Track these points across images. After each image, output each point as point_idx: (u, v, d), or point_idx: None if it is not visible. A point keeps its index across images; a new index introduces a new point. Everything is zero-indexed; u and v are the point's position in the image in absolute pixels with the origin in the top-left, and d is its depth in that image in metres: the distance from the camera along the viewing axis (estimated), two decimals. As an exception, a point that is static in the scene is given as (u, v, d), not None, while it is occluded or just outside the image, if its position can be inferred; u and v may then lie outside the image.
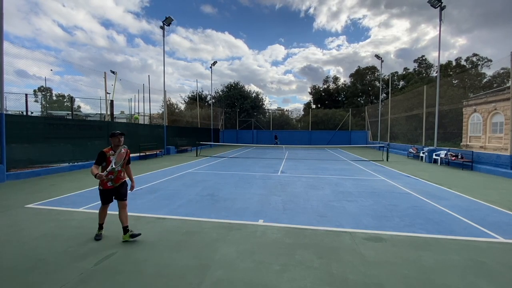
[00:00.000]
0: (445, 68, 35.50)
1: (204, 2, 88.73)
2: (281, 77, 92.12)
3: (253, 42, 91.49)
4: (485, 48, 65.75)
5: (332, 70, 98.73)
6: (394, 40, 75.94)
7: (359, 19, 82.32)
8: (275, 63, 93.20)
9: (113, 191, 3.77)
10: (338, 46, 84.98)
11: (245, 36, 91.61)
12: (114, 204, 5.77)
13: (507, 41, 55.94)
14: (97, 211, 4.02)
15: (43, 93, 23.58)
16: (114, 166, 3.54)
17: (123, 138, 3.78)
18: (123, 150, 3.73)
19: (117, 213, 3.82)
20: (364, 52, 76.42)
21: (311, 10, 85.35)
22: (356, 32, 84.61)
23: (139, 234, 3.81)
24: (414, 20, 74.14)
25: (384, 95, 38.04)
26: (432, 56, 42.06)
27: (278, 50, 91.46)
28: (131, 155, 4.19)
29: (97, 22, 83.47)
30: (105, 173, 3.46)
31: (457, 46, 61.05)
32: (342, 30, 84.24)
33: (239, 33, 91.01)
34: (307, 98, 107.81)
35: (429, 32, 71.66)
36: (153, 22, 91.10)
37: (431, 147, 15.16)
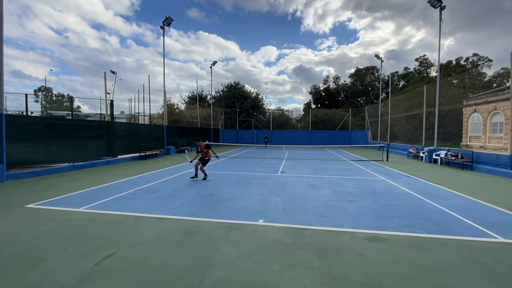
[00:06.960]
0: (445, 68, 35.50)
1: (190, 7, 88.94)
2: (275, 77, 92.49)
3: (245, 43, 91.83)
4: (470, 49, 67.26)
5: (325, 71, 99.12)
6: (382, 42, 76.50)
7: (345, 21, 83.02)
8: (268, 64, 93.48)
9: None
10: (329, 47, 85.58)
11: (235, 38, 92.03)
12: (115, 204, 5.83)
13: (490, 43, 57.42)
14: (97, 211, 5.01)
15: (44, 93, 23.59)
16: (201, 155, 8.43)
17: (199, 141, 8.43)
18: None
19: (117, 213, 4.72)
20: (354, 54, 77.00)
21: (298, 13, 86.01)
22: (344, 34, 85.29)
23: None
24: (398, 22, 75.07)
25: (384, 95, 38.04)
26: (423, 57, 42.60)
27: (270, 51, 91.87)
28: (131, 155, 4.72)
29: (88, 25, 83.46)
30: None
31: (444, 47, 62.44)
32: (330, 32, 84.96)
33: (228, 35, 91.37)
34: (303, 98, 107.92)
35: (414, 34, 72.89)
36: (143, 25, 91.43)
37: (431, 147, 15.14)
